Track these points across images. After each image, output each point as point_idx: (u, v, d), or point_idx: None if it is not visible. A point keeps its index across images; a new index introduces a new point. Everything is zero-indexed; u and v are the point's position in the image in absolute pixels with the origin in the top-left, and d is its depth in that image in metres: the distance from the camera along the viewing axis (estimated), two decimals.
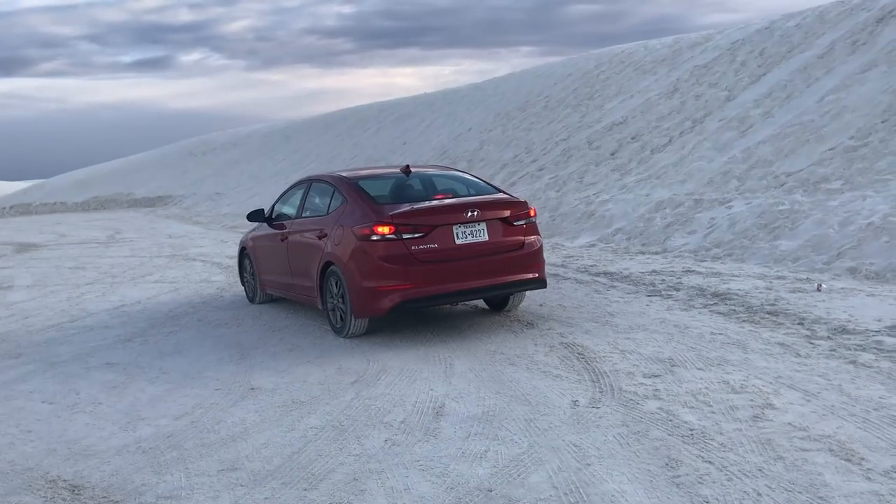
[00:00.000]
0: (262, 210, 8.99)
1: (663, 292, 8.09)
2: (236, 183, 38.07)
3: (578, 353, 6.01)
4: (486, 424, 4.65)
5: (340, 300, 7.01)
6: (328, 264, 7.14)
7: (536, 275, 7.09)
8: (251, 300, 9.31)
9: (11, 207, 42.10)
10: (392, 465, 4.14)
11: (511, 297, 7.57)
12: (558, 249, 11.97)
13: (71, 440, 4.88)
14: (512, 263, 6.92)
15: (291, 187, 8.75)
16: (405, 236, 6.60)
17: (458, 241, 6.72)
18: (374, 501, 3.73)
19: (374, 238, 6.63)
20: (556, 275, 9.56)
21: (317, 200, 7.93)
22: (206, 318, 8.49)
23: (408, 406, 5.08)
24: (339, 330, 7.12)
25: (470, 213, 6.77)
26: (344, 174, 7.82)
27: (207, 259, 14.30)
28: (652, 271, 9.32)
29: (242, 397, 5.51)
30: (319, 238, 7.36)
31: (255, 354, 6.74)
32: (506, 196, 7.40)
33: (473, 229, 6.79)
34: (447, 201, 7.20)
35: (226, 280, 11.31)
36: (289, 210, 8.47)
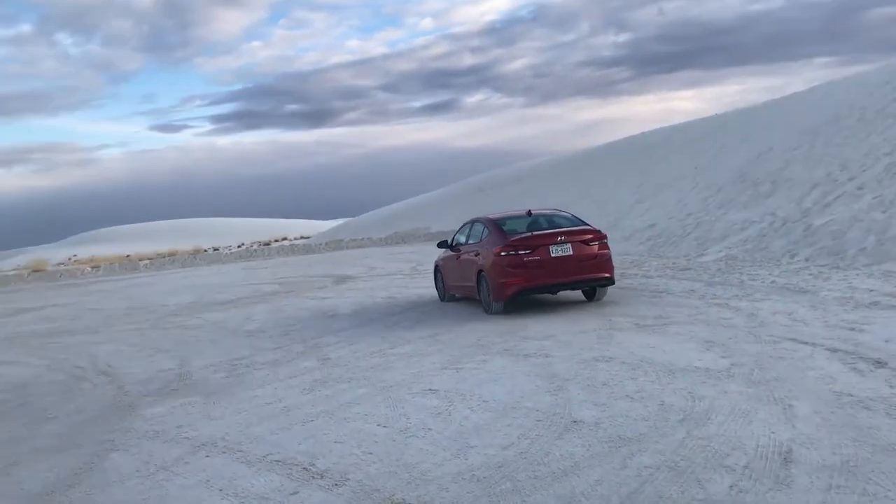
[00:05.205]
0: (447, 240, 13.55)
1: None
2: None
3: None
4: (848, 476, 4.09)
5: (487, 292, 11.22)
6: (480, 271, 11.47)
7: (607, 274, 11.07)
8: (441, 299, 13.79)
9: (326, 244, 46.86)
10: None
11: (596, 290, 11.53)
12: (892, 278, 10.56)
13: (409, 464, 5.09)
14: (588, 267, 10.91)
15: (463, 225, 13.23)
16: (519, 252, 10.80)
17: (552, 255, 10.79)
18: None
19: (503, 254, 10.89)
20: (895, 307, 8.40)
21: (476, 233, 12.27)
22: (513, 349, 8.59)
23: (748, 449, 4.65)
24: (486, 310, 11.38)
25: (560, 238, 10.92)
26: (491, 217, 12.33)
27: None
28: None
29: (566, 430, 5.41)
30: (475, 256, 11.76)
31: (570, 386, 6.64)
32: (587, 226, 11.49)
33: (562, 247, 10.85)
34: (546, 231, 11.23)
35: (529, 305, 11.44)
36: (461, 239, 12.96)
